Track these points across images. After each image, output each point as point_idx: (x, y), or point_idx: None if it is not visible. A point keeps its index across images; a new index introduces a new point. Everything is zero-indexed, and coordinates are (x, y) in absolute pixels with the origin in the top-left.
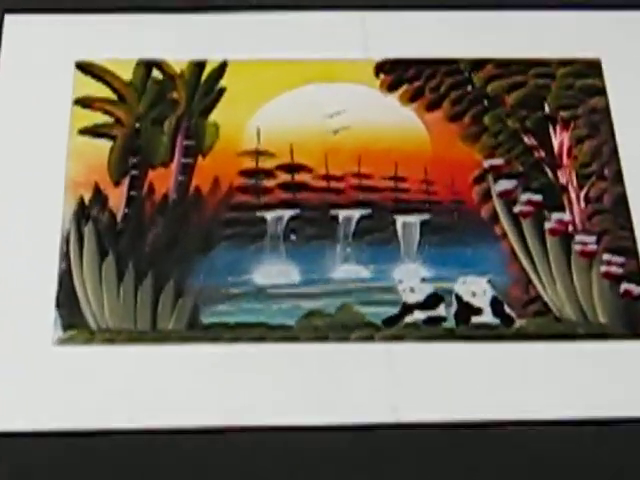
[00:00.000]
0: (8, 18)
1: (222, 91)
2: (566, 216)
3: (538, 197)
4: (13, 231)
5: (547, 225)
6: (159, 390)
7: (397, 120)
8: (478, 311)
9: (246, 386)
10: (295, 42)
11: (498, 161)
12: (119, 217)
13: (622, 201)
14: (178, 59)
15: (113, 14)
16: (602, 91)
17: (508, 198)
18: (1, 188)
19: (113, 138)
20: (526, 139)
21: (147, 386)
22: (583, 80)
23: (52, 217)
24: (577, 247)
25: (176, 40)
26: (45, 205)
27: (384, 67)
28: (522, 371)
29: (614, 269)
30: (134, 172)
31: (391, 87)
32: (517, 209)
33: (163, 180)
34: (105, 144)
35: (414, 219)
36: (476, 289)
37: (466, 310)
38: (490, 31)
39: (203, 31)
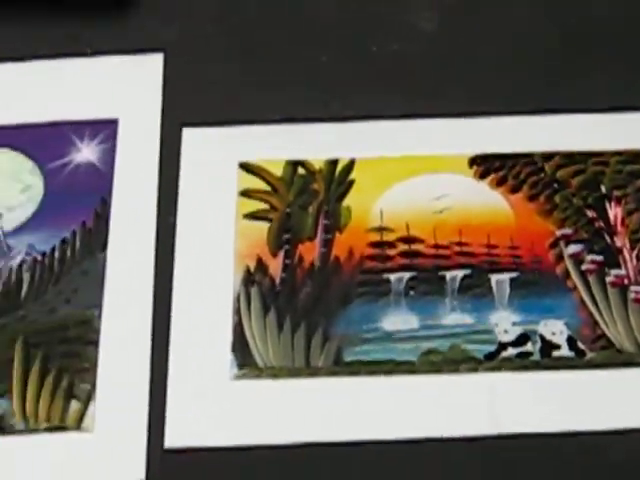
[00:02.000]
0: (185, 131)
1: (352, 182)
2: (622, 272)
3: (600, 258)
4: (197, 295)
5: (608, 279)
6: (313, 413)
7: (488, 201)
8: (557, 347)
9: (379, 408)
10: (407, 143)
11: (567, 231)
12: (277, 281)
13: None
14: (317, 158)
15: (267, 125)
16: None
17: (577, 259)
18: (186, 262)
19: (270, 220)
20: (588, 213)
21: (303, 410)
22: (631, 166)
23: (226, 282)
24: (632, 295)
25: (315, 144)
26: (220, 274)
27: (476, 160)
28: (592, 392)
29: None
30: (287, 246)
31: (482, 175)
32: (584, 267)
33: (310, 252)
34: (264, 225)
35: (505, 277)
36: (555, 330)
37: (548, 346)
38: (557, 131)
39: (336, 136)
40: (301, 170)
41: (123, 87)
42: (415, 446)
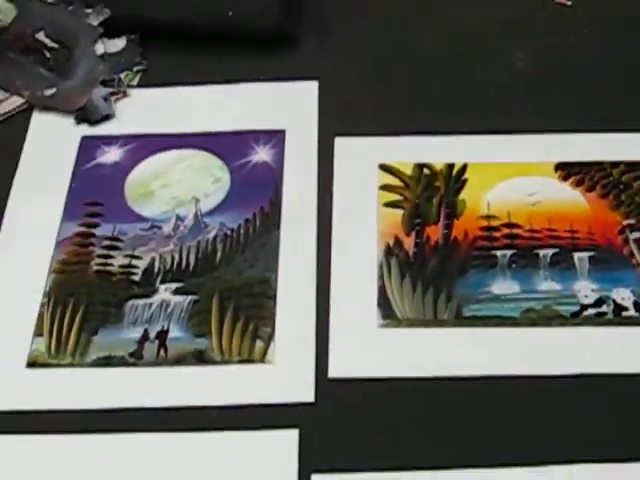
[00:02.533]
0: (337, 140)
1: (465, 181)
2: None
3: None
4: (350, 264)
5: None
6: (439, 354)
7: (569, 197)
8: (626, 309)
9: (489, 352)
10: (507, 152)
11: (631, 221)
12: (411, 254)
13: None
14: (438, 162)
15: (400, 136)
16: None
17: (639, 243)
18: (340, 239)
19: (403, 208)
20: None
21: (431, 351)
22: None
23: (371, 255)
24: None
25: (437, 151)
26: (367, 248)
27: (560, 166)
28: None
29: None
30: (417, 228)
31: (565, 178)
32: None
33: (435, 233)
34: (399, 212)
35: (584, 255)
36: (624, 296)
37: (619, 308)
38: (622, 145)
39: (453, 146)
40: (426, 171)
41: (288, 105)
42: (516, 381)
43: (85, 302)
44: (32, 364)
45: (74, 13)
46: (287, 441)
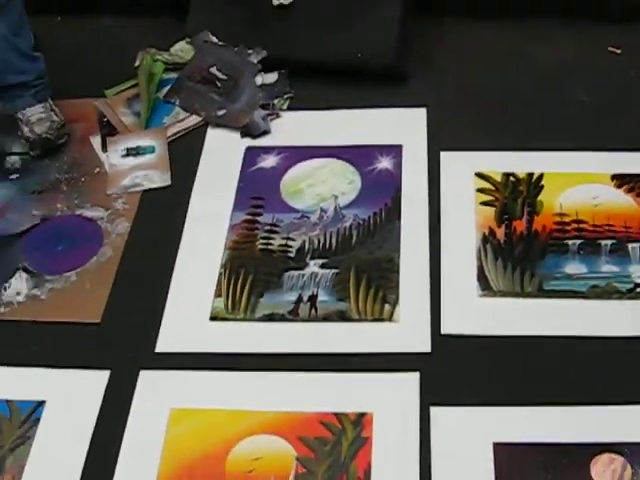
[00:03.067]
0: (442, 154)
1: (542, 186)
2: None
3: None
4: (455, 248)
5: None
6: (524, 317)
7: (623, 201)
8: None
9: (563, 317)
10: (574, 165)
11: None
12: (502, 242)
13: None
14: (521, 172)
15: (492, 151)
16: None
17: None
18: (448, 229)
19: (495, 206)
20: None
21: (519, 315)
22: None
23: (470, 242)
24: None
25: (520, 163)
26: (467, 237)
27: (615, 176)
28: None
29: None
30: (506, 222)
31: (619, 186)
32: None
33: (520, 226)
34: (492, 209)
35: (637, 245)
36: None
37: None
38: None
39: (533, 159)
40: (512, 178)
41: (404, 126)
42: (584, 340)
43: (253, 272)
44: (214, 318)
45: (239, 53)
46: (410, 381)
